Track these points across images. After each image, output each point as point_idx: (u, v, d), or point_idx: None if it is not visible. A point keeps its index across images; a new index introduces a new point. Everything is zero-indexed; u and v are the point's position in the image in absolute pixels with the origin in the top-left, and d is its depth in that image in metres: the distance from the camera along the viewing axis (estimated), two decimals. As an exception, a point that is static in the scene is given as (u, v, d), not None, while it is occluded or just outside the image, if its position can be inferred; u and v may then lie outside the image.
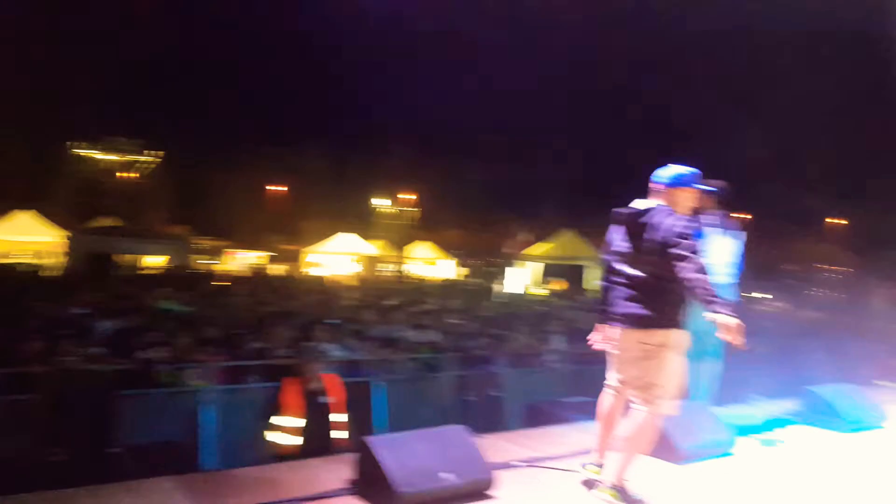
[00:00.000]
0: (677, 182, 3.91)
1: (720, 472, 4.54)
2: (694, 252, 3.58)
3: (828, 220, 43.88)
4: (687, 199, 3.92)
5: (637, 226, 3.86)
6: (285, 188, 50.34)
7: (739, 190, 4.13)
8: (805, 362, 8.29)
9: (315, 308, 12.90)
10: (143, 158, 52.98)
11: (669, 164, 3.98)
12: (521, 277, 28.82)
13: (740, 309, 3.55)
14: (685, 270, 3.55)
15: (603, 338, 4.07)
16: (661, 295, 3.75)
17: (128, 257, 27.18)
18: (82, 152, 51.82)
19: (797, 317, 16.55)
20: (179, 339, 8.12)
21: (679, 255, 3.59)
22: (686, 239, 3.61)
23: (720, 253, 5.25)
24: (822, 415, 5.93)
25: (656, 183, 3.96)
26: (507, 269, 29.91)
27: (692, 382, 5.04)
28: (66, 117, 43.78)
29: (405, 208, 43.49)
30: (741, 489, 4.34)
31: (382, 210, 43.76)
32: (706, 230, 5.04)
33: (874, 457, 5.22)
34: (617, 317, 3.92)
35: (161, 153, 51.77)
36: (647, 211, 3.86)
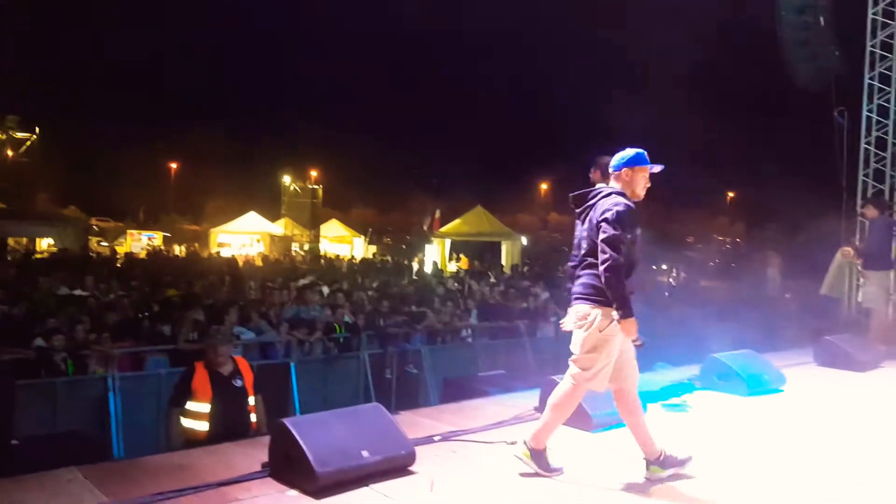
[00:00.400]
0: (629, 163, 3.94)
1: (630, 438, 4.72)
2: (616, 244, 3.67)
3: (728, 194, 46.10)
4: (640, 179, 3.96)
5: (583, 208, 3.97)
6: (188, 167, 48.45)
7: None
8: (704, 330, 8.63)
9: (225, 290, 12.59)
10: (17, 135, 49.28)
11: (627, 147, 3.99)
12: (438, 255, 28.88)
13: (638, 282, 3.75)
14: (601, 263, 3.69)
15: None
16: (595, 273, 3.81)
17: (23, 240, 25.61)
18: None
19: (695, 287, 17.23)
20: (79, 326, 7.76)
21: (600, 245, 3.71)
22: (615, 227, 3.69)
23: None
24: (725, 380, 6.25)
25: (611, 165, 4.00)
26: (427, 247, 29.87)
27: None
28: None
29: (315, 186, 42.74)
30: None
31: (292, 189, 42.89)
32: None
33: (774, 418, 5.56)
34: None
35: (36, 129, 48.38)
36: (593, 192, 3.96)
